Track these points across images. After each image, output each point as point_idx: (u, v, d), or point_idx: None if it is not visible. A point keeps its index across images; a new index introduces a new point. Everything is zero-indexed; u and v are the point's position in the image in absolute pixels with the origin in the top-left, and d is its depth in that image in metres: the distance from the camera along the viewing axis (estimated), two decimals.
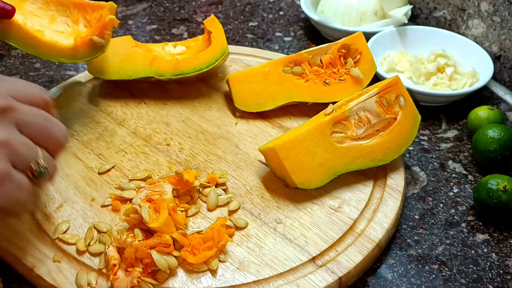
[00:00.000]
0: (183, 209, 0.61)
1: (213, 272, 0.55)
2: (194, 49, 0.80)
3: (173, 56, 0.79)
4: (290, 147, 0.63)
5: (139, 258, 0.54)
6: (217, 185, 0.64)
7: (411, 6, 0.96)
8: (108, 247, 0.56)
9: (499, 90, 0.87)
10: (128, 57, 0.76)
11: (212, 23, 0.79)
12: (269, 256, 0.57)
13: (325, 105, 0.69)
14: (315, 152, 0.63)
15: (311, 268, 0.56)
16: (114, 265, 0.54)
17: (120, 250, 0.55)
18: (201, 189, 0.63)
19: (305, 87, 0.75)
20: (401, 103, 0.68)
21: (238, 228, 0.60)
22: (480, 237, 0.64)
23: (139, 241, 0.55)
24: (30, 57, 0.91)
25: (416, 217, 0.66)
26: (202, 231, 0.59)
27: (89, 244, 0.57)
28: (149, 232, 0.57)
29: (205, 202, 0.63)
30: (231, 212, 0.62)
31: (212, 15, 0.79)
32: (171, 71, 0.75)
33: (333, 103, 0.69)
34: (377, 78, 0.88)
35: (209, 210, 0.62)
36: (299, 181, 0.62)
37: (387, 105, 0.68)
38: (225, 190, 0.64)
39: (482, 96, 0.86)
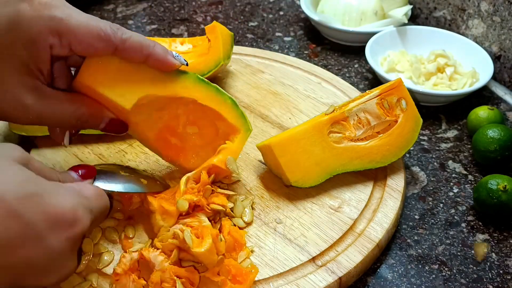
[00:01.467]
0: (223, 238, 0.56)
1: None
2: (199, 49, 0.80)
3: None
4: (286, 144, 0.62)
5: (163, 281, 0.51)
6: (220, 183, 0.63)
7: (411, 6, 0.96)
8: (132, 253, 0.53)
9: (499, 90, 0.87)
10: None
11: (212, 30, 0.78)
12: (269, 256, 0.57)
13: None
14: (312, 151, 0.63)
15: (311, 268, 0.56)
16: (118, 273, 0.52)
17: (141, 264, 0.53)
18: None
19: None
20: (402, 106, 0.67)
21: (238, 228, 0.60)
22: (480, 237, 0.64)
23: (169, 263, 0.52)
24: None
25: (416, 217, 0.66)
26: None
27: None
28: (179, 261, 0.54)
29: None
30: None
31: (215, 22, 0.78)
32: None
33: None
34: (378, 80, 0.88)
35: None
36: (294, 179, 0.62)
37: (388, 108, 0.67)
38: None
39: (482, 96, 0.86)
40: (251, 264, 0.55)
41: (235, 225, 0.59)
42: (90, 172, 0.53)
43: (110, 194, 0.52)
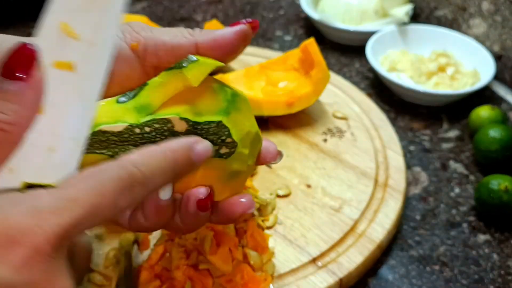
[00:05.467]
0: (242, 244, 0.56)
1: None
2: None
3: None
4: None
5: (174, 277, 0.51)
6: None
7: (412, 5, 0.96)
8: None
9: (501, 90, 0.87)
10: None
11: (209, 27, 0.79)
12: None
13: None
14: None
15: (311, 269, 0.56)
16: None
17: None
18: None
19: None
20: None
21: None
22: (482, 237, 0.64)
23: (187, 265, 0.52)
24: None
25: (417, 217, 0.66)
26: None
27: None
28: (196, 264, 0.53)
29: None
30: None
31: (214, 20, 0.79)
32: None
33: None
34: (379, 79, 0.88)
35: None
36: None
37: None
38: None
39: (484, 96, 0.86)
40: (267, 273, 0.54)
41: (260, 226, 0.59)
42: None
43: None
